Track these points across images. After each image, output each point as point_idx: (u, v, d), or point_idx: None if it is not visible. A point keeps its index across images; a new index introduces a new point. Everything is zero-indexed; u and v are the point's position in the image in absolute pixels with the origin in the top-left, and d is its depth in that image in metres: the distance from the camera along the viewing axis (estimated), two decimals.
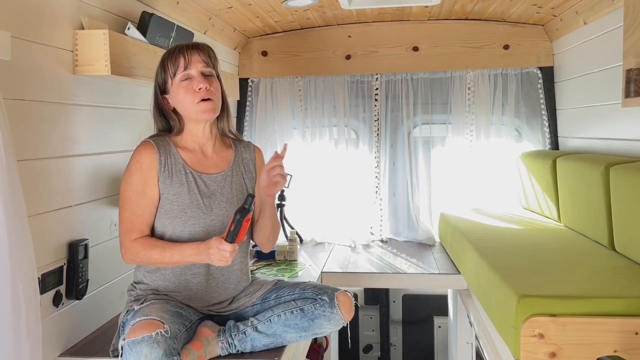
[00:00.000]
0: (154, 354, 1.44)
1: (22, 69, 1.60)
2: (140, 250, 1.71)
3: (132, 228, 1.73)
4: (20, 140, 1.57)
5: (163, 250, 1.70)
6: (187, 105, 1.77)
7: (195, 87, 1.75)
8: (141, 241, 1.72)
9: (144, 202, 1.74)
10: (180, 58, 1.76)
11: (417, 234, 3.50)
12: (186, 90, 1.76)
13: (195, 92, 1.75)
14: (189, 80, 1.76)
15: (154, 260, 1.71)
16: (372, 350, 4.11)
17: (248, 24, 3.24)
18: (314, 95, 3.55)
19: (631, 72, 1.75)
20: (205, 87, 1.75)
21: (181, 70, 1.76)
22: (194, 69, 1.76)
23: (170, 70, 1.77)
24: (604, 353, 1.57)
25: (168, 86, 1.79)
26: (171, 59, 1.77)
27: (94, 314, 1.99)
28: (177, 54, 1.77)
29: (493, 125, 3.44)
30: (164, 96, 1.81)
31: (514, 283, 1.80)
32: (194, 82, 1.76)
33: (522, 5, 3.01)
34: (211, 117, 1.79)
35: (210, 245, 1.62)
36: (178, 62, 1.76)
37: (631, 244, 2.03)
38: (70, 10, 1.82)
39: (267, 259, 3.06)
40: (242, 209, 1.62)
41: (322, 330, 1.79)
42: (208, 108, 1.76)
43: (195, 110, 1.76)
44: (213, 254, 1.62)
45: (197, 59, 1.77)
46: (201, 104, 1.75)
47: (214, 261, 1.63)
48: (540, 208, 3.08)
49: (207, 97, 1.75)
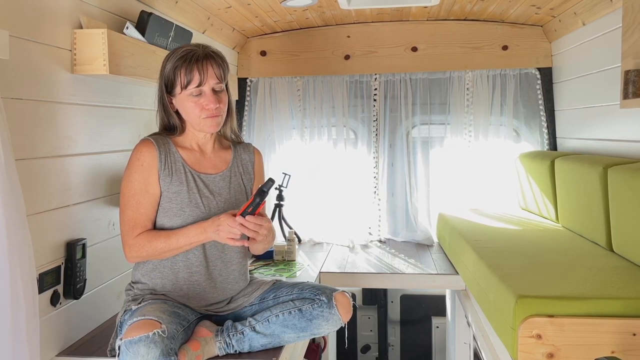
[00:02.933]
0: (150, 354, 1.44)
1: (21, 68, 1.59)
2: (145, 244, 1.71)
3: (136, 225, 1.73)
4: (19, 139, 1.57)
5: (168, 238, 1.71)
6: (192, 117, 1.76)
7: (205, 105, 1.73)
8: (144, 235, 1.72)
9: (147, 199, 1.73)
10: (195, 72, 1.71)
11: (415, 234, 3.50)
12: (195, 105, 1.74)
13: (204, 109, 1.74)
14: (199, 96, 1.73)
15: (160, 250, 1.71)
16: (370, 351, 4.11)
17: (247, 24, 3.24)
18: (313, 95, 3.56)
19: (630, 73, 1.76)
20: (214, 107, 1.74)
21: (194, 85, 1.72)
22: (207, 86, 1.73)
23: (181, 79, 1.72)
24: (601, 354, 1.57)
25: (176, 91, 1.75)
26: (185, 69, 1.71)
27: (91, 313, 1.99)
28: (192, 67, 1.71)
29: (491, 125, 3.44)
30: (169, 96, 1.78)
31: (512, 283, 1.81)
32: (203, 99, 1.73)
33: (521, 6, 3.01)
34: (215, 130, 1.80)
35: (220, 222, 1.65)
36: (192, 75, 1.71)
37: (629, 244, 2.04)
38: (69, 10, 1.82)
39: (266, 259, 3.06)
40: (261, 191, 1.67)
41: (320, 331, 1.79)
42: (214, 124, 1.77)
43: (201, 124, 1.76)
44: (223, 230, 1.64)
45: (211, 75, 1.72)
46: (206, 120, 1.75)
47: (222, 238, 1.66)
48: (539, 209, 3.08)
49: (215, 114, 1.75)
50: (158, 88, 1.80)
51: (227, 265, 1.83)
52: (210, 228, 1.67)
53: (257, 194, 1.67)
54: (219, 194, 1.81)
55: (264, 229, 1.68)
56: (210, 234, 1.68)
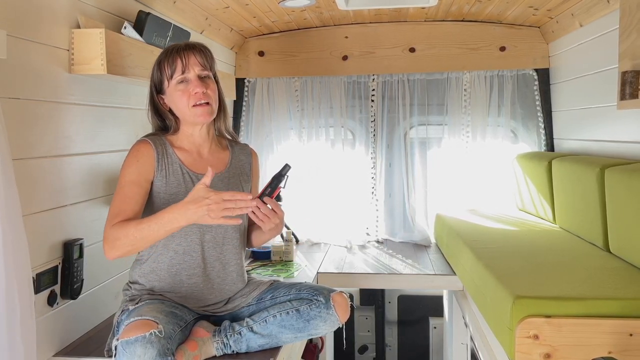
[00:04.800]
0: (147, 354, 1.43)
1: (18, 68, 1.59)
2: (118, 230, 1.58)
3: (119, 213, 1.64)
4: (16, 139, 1.56)
5: (139, 223, 1.57)
6: (182, 108, 1.76)
7: (192, 91, 1.74)
8: (118, 223, 1.61)
9: (136, 190, 1.70)
10: (177, 60, 1.73)
11: (413, 234, 3.50)
12: (182, 93, 1.74)
13: (191, 96, 1.74)
14: (185, 83, 1.74)
15: (132, 238, 1.57)
16: (367, 351, 4.11)
17: (245, 24, 3.24)
18: (311, 96, 3.56)
19: (627, 74, 1.76)
20: (201, 92, 1.74)
21: (178, 73, 1.74)
22: (191, 72, 1.74)
23: (166, 72, 1.75)
24: (598, 354, 1.58)
25: (164, 87, 1.78)
26: (168, 60, 1.75)
27: (88, 313, 1.98)
28: (174, 56, 1.74)
29: (489, 126, 3.45)
30: (160, 96, 1.80)
31: (509, 284, 1.81)
32: (190, 86, 1.74)
33: (519, 7, 3.02)
34: (207, 120, 1.79)
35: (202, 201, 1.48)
36: (175, 64, 1.74)
37: (626, 245, 2.04)
38: (66, 9, 1.81)
39: (263, 259, 3.06)
40: (279, 175, 1.70)
41: (317, 331, 1.79)
42: (204, 112, 1.76)
43: (191, 113, 1.76)
44: (213, 209, 1.49)
45: (194, 62, 1.74)
46: (197, 108, 1.74)
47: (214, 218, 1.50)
48: (536, 209, 3.09)
49: (203, 100, 1.75)
50: (149, 91, 1.81)
51: (225, 267, 1.83)
52: (190, 209, 1.51)
53: (275, 177, 1.68)
54: None
55: (277, 218, 1.68)
56: (190, 215, 1.52)
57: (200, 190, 1.53)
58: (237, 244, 1.86)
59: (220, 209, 1.50)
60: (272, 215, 1.68)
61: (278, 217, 1.69)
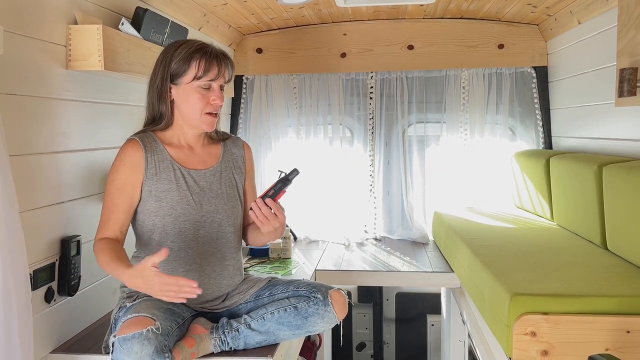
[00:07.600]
0: (144, 351, 1.43)
1: (15, 64, 1.59)
2: (98, 251, 1.65)
3: (105, 225, 1.71)
4: (12, 135, 1.56)
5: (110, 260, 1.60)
6: (193, 111, 1.75)
7: (212, 100, 1.74)
8: (103, 242, 1.67)
9: (123, 198, 1.71)
10: (215, 67, 1.72)
11: (411, 232, 3.50)
12: (201, 97, 1.73)
13: (209, 104, 1.74)
14: (207, 89, 1.74)
15: (103, 266, 1.64)
16: (365, 348, 4.12)
17: (243, 21, 3.23)
18: (309, 93, 3.55)
19: (625, 71, 1.76)
20: (219, 105, 1.75)
21: (208, 78, 1.72)
22: (217, 83, 1.75)
23: (196, 70, 1.71)
24: (595, 351, 1.58)
25: (181, 80, 1.73)
26: (205, 60, 1.71)
27: (86, 310, 1.98)
28: (212, 60, 1.72)
29: (487, 124, 3.45)
30: (171, 84, 1.75)
31: (506, 281, 1.81)
32: (211, 94, 1.74)
33: (517, 4, 3.01)
34: (211, 130, 1.80)
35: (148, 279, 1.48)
36: (211, 69, 1.71)
37: (623, 243, 2.04)
38: (64, 5, 1.81)
39: (261, 256, 3.06)
40: (286, 179, 1.66)
41: (315, 328, 1.79)
42: (212, 122, 1.77)
43: (200, 120, 1.75)
44: (156, 291, 1.48)
45: (224, 74, 1.75)
46: (207, 116, 1.75)
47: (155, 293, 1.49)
48: (534, 207, 3.09)
49: (215, 112, 1.76)
50: (156, 75, 1.76)
51: (222, 261, 1.83)
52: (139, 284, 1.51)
53: (280, 180, 1.65)
54: (209, 190, 1.80)
55: (277, 222, 1.68)
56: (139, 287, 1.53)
57: (148, 270, 1.49)
58: (232, 238, 1.85)
59: (164, 290, 1.49)
60: (273, 218, 1.68)
61: (278, 221, 1.69)
